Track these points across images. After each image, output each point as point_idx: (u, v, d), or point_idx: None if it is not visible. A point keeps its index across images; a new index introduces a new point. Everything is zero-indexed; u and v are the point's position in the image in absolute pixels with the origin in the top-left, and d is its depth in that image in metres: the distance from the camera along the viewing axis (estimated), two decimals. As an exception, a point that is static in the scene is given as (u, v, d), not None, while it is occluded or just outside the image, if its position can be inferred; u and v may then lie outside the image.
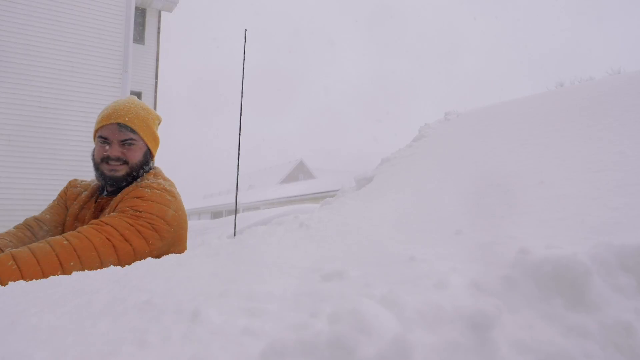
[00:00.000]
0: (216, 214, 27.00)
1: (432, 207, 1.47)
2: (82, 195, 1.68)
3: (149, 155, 1.66)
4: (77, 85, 7.41)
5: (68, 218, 1.65)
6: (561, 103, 2.82)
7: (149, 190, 1.51)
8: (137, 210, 1.44)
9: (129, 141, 1.57)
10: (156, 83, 10.56)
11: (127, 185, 1.58)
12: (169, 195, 1.55)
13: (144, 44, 10.55)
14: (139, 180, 1.60)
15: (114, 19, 7.87)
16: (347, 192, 2.20)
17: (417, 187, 1.86)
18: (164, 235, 1.47)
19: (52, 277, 1.00)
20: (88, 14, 7.66)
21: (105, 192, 1.65)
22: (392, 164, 2.44)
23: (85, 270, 1.26)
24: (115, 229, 1.37)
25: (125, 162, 1.57)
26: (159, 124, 1.73)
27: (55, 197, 1.78)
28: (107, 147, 1.56)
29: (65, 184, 1.82)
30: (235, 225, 2.26)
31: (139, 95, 10.36)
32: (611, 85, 2.78)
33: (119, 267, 1.07)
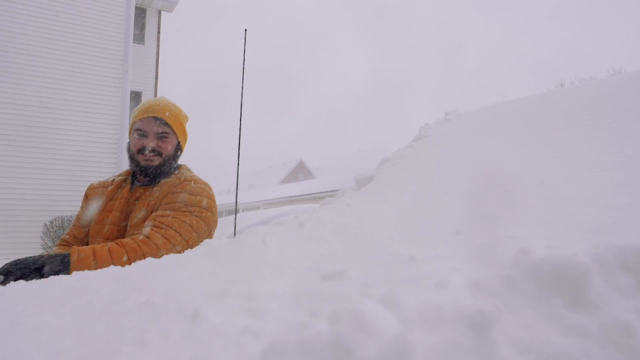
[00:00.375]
0: (216, 214, 26.96)
1: (432, 207, 1.47)
2: (108, 189, 1.75)
3: (178, 149, 1.76)
4: (77, 85, 7.41)
5: (95, 211, 1.71)
6: (561, 103, 2.82)
7: (194, 184, 1.63)
8: (190, 206, 1.56)
9: (164, 134, 1.68)
10: (156, 83, 10.57)
11: (159, 175, 1.67)
12: (208, 188, 1.68)
13: (144, 44, 10.56)
14: (176, 172, 1.72)
15: (114, 19, 7.87)
16: (347, 192, 2.20)
17: (417, 187, 1.86)
18: (211, 225, 1.62)
19: (52, 277, 1.00)
20: (88, 14, 7.66)
21: (137, 183, 1.73)
22: (392, 164, 2.44)
23: None
24: (178, 232, 1.49)
25: (160, 154, 1.67)
26: (186, 122, 1.83)
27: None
28: (144, 139, 1.66)
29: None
30: (235, 225, 2.26)
31: (138, 95, 10.37)
32: (611, 85, 2.78)
33: (118, 267, 1.07)
